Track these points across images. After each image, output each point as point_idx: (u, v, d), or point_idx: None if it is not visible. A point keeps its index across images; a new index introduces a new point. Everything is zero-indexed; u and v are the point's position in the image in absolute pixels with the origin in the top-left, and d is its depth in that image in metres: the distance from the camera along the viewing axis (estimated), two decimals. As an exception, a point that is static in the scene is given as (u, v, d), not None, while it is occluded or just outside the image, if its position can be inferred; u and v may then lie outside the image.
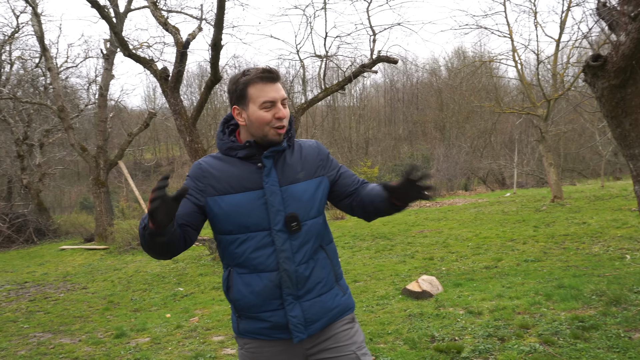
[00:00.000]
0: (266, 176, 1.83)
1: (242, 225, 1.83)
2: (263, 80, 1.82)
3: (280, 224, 1.82)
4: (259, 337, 1.89)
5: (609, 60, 4.27)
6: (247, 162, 1.87)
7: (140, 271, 10.37)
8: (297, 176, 1.88)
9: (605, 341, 3.77)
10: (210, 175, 1.88)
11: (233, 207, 1.83)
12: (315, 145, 2.00)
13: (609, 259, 6.91)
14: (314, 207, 1.89)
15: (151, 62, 10.90)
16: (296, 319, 1.83)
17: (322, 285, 1.88)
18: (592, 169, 28.91)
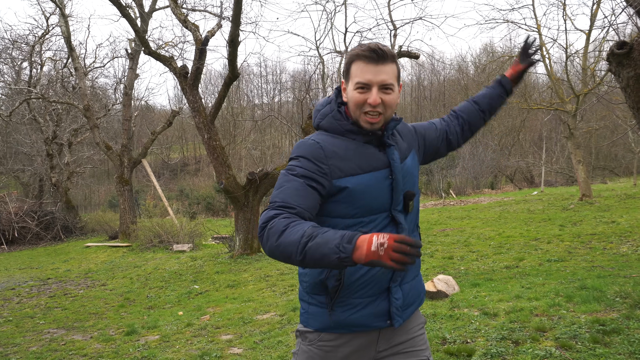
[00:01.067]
0: (392, 154, 1.74)
1: (368, 208, 1.68)
2: (365, 60, 1.64)
3: (401, 204, 1.74)
4: (354, 329, 1.70)
5: (635, 48, 4.01)
6: (367, 144, 1.73)
7: (159, 268, 10.39)
8: (405, 152, 1.81)
9: (627, 346, 3.52)
10: (335, 154, 1.66)
11: (364, 187, 1.66)
12: (406, 124, 1.95)
13: (637, 259, 6.58)
14: (417, 182, 1.86)
15: (171, 59, 10.91)
16: (399, 301, 1.73)
17: (417, 267, 1.85)
18: (625, 166, 28.01)
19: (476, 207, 17.08)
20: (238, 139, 37.83)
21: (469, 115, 2.07)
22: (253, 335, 5.15)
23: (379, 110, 1.65)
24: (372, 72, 1.63)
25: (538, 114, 27.75)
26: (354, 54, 1.67)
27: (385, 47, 1.65)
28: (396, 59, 1.69)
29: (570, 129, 15.30)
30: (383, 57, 1.63)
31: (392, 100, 1.67)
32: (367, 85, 1.63)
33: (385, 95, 1.65)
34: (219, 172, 10.31)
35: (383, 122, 1.70)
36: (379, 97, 1.63)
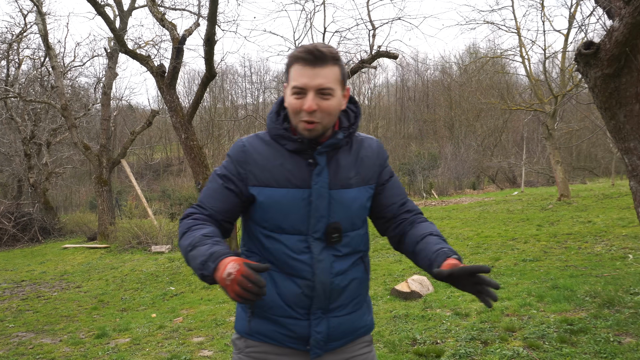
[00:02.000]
0: (317, 175, 1.56)
1: (276, 225, 1.58)
2: (302, 62, 1.50)
3: (320, 232, 1.57)
4: (270, 341, 1.63)
5: (602, 48, 4.03)
6: (296, 155, 1.59)
7: (136, 270, 10.26)
8: (349, 180, 1.60)
9: (593, 346, 3.53)
10: (253, 161, 1.60)
11: (272, 202, 1.57)
12: (376, 146, 1.70)
13: (610, 258, 6.63)
14: (359, 218, 1.63)
15: (148, 58, 10.77)
16: (320, 335, 1.60)
17: (356, 302, 1.66)
18: (604, 167, 28.39)
19: (457, 208, 17.16)
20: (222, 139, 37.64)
21: (409, 239, 1.67)
22: (225, 338, 5.08)
23: (314, 118, 1.51)
24: (308, 76, 1.49)
25: (520, 114, 28.01)
26: (292, 56, 1.55)
27: (325, 47, 1.52)
28: (339, 61, 1.55)
29: (549, 130, 15.44)
30: (321, 59, 1.49)
31: (331, 107, 1.53)
32: (302, 89, 1.50)
33: (323, 100, 1.51)
34: (197, 172, 10.20)
35: (321, 130, 1.55)
36: (314, 103, 1.49)
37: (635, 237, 7.84)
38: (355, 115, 1.67)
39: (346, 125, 1.63)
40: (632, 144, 4.18)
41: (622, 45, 3.86)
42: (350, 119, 1.65)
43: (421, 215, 1.73)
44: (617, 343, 3.53)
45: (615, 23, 3.93)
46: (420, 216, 1.72)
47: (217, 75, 10.25)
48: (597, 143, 26.40)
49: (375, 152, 1.69)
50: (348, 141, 1.63)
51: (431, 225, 1.67)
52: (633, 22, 3.72)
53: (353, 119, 1.65)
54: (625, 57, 3.94)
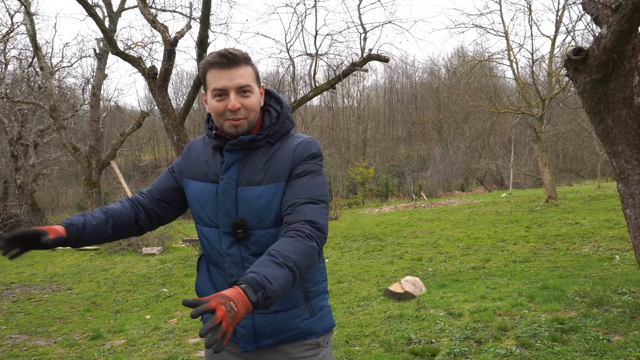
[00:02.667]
0: (224, 172, 1.65)
1: (197, 216, 1.73)
2: (217, 66, 1.60)
3: (227, 227, 1.64)
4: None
5: (590, 54, 4.13)
6: (218, 152, 1.71)
7: (127, 272, 10.24)
8: (256, 178, 1.64)
9: (583, 344, 3.63)
10: (189, 156, 1.79)
11: (194, 195, 1.73)
12: (297, 144, 1.67)
13: (598, 259, 6.78)
14: (269, 216, 1.62)
15: (139, 60, 10.78)
16: (244, 329, 1.67)
17: (282, 302, 1.66)
18: (590, 169, 28.77)
19: (446, 209, 17.32)
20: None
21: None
22: (220, 338, 5.12)
23: (239, 115, 1.61)
24: (226, 78, 1.59)
25: (507, 117, 28.30)
26: (205, 62, 1.64)
27: (236, 50, 1.61)
28: (250, 61, 1.64)
29: (537, 133, 15.65)
30: (235, 61, 1.59)
31: (253, 103, 1.63)
32: (223, 91, 1.60)
33: (244, 98, 1.61)
34: (189, 174, 10.22)
35: (247, 126, 1.64)
36: (237, 102, 1.59)
37: (622, 238, 8.01)
38: (278, 115, 1.71)
39: (266, 125, 1.69)
40: (619, 147, 4.30)
41: (610, 51, 3.97)
42: (272, 119, 1.70)
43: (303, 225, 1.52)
44: (606, 341, 3.64)
45: (603, 30, 4.04)
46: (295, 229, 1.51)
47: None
48: (583, 146, 26.75)
49: (291, 149, 1.66)
50: (269, 141, 1.68)
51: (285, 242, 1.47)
52: (620, 29, 3.82)
53: (275, 120, 1.70)
54: (613, 63, 4.05)
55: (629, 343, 3.53)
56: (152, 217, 1.82)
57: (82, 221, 1.68)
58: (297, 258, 1.42)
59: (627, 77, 4.07)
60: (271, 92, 1.77)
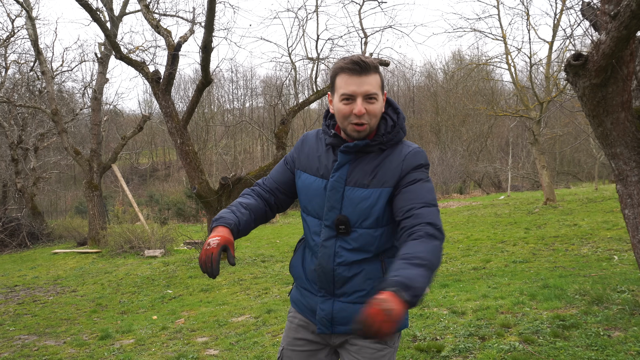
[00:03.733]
0: (335, 170, 1.78)
1: (305, 206, 1.88)
2: (348, 72, 1.70)
3: (330, 221, 1.79)
4: (297, 308, 1.95)
5: (589, 59, 4.26)
6: (331, 150, 1.84)
7: (131, 274, 10.33)
8: (364, 181, 1.76)
9: (584, 339, 3.75)
10: (303, 149, 1.93)
11: (303, 186, 1.88)
12: (407, 152, 1.78)
13: (596, 259, 6.91)
14: (370, 217, 1.75)
15: (143, 64, 10.90)
16: (323, 313, 1.82)
17: (361, 295, 1.77)
18: (587, 172, 28.95)
19: (446, 212, 17.44)
20: (209, 144, 37.64)
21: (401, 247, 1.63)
22: (229, 337, 5.23)
23: (363, 120, 1.71)
24: (355, 84, 1.69)
25: (505, 120, 28.48)
26: (337, 67, 1.74)
27: (367, 58, 1.72)
28: (379, 70, 1.75)
29: (535, 135, 15.81)
30: (366, 69, 1.69)
31: (376, 110, 1.73)
32: (351, 96, 1.70)
33: (370, 105, 1.71)
34: (192, 177, 10.33)
35: (369, 130, 1.75)
36: (363, 107, 1.70)
37: (620, 239, 8.14)
38: (394, 124, 1.82)
39: (381, 133, 1.79)
40: (618, 149, 4.43)
41: (608, 57, 4.09)
42: (387, 128, 1.81)
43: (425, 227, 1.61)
44: (607, 337, 3.76)
45: (602, 36, 4.17)
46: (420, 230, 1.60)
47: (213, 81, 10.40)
48: (580, 148, 26.95)
49: (401, 157, 1.77)
50: (381, 148, 1.79)
51: (415, 244, 1.56)
52: (619, 35, 3.94)
53: (390, 128, 1.80)
54: (611, 68, 4.17)
55: (629, 338, 3.65)
56: (273, 207, 1.99)
57: (235, 219, 1.81)
58: (428, 256, 1.51)
59: (625, 81, 4.19)
60: (390, 101, 1.87)
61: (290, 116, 11.04)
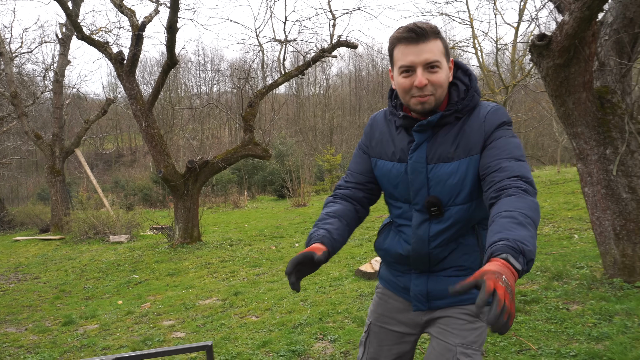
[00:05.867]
0: (412, 151, 1.64)
1: (391, 193, 1.75)
2: (404, 41, 1.55)
3: (420, 205, 1.66)
4: (388, 287, 1.86)
5: (553, 40, 4.31)
6: (404, 131, 1.69)
7: (96, 260, 10.14)
8: (447, 154, 1.61)
9: (544, 313, 3.85)
10: (373, 134, 1.79)
11: (384, 173, 1.74)
12: (485, 113, 1.61)
13: (558, 238, 7.08)
14: (462, 192, 1.61)
15: (106, 45, 10.59)
16: (418, 289, 1.72)
17: (457, 269, 1.68)
18: (550, 155, 29.66)
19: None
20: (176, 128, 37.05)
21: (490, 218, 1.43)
22: (195, 320, 5.19)
23: (427, 92, 1.56)
24: (414, 53, 1.54)
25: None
26: (393, 38, 1.60)
27: (424, 24, 1.55)
28: (440, 35, 1.58)
29: (500, 119, 16.05)
30: (423, 35, 1.54)
31: (441, 79, 1.57)
32: (411, 67, 1.55)
33: (432, 74, 1.55)
34: (158, 160, 10.14)
35: (435, 102, 1.59)
36: (424, 78, 1.54)
37: (580, 219, 8.37)
38: (467, 88, 1.65)
39: (454, 101, 1.64)
40: (579, 129, 4.52)
41: (571, 37, 4.15)
42: (461, 94, 1.64)
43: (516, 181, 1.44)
44: (565, 310, 3.87)
45: (565, 17, 4.23)
46: (512, 186, 1.43)
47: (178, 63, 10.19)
48: (543, 133, 27.53)
49: (480, 119, 1.61)
50: (457, 117, 1.63)
51: (514, 200, 1.38)
52: (581, 16, 4.00)
53: (463, 94, 1.64)
54: (574, 48, 4.24)
55: (586, 311, 3.77)
56: (365, 203, 1.84)
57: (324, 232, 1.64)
58: (532, 214, 1.34)
59: (587, 61, 4.27)
60: (460, 64, 1.70)
61: (258, 99, 10.91)
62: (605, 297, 3.98)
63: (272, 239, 10.71)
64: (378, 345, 1.84)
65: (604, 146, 4.41)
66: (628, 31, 4.54)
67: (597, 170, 4.44)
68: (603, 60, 4.65)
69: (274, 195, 26.04)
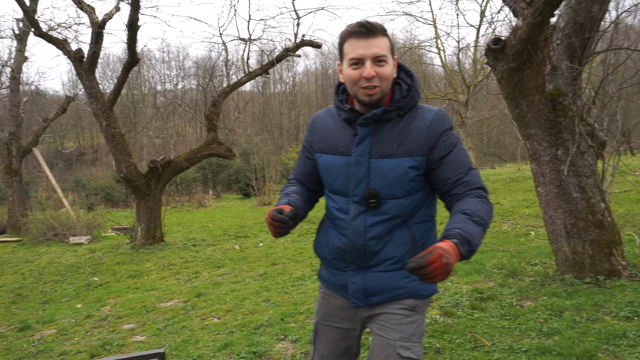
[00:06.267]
0: (357, 144, 1.74)
1: (330, 186, 1.85)
2: (355, 36, 1.67)
3: (358, 196, 1.75)
4: (328, 286, 1.95)
5: (508, 44, 4.43)
6: (348, 125, 1.79)
7: (54, 262, 9.89)
8: (390, 151, 1.72)
9: (499, 310, 3.97)
10: (316, 130, 1.90)
11: (325, 166, 1.84)
12: (430, 119, 1.74)
13: (515, 235, 7.29)
14: (400, 187, 1.72)
15: (64, 42, 10.34)
16: (355, 286, 1.80)
17: (391, 263, 1.76)
18: (511, 153, 30.37)
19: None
20: (139, 127, 36.39)
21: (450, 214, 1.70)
22: (156, 323, 5.13)
23: (374, 83, 1.67)
24: (363, 47, 1.66)
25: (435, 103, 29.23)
26: (344, 33, 1.71)
27: (374, 22, 1.69)
28: (387, 33, 1.70)
29: (462, 118, 16.37)
30: (373, 31, 1.66)
31: (387, 72, 1.69)
32: (360, 60, 1.66)
33: (379, 67, 1.67)
34: (119, 160, 9.96)
35: (380, 94, 1.70)
36: (372, 70, 1.66)
37: (537, 216, 8.62)
38: (409, 87, 1.78)
39: (397, 98, 1.76)
40: (532, 130, 4.67)
41: (524, 42, 4.28)
42: (403, 92, 1.77)
43: (477, 190, 1.70)
44: (519, 306, 4.00)
45: (519, 22, 4.35)
46: (473, 192, 1.69)
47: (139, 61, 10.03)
48: (505, 131, 28.17)
49: (426, 124, 1.73)
50: (399, 113, 1.74)
51: (474, 202, 1.65)
52: (534, 22, 4.13)
53: (405, 92, 1.76)
54: (527, 52, 4.37)
55: (539, 307, 3.90)
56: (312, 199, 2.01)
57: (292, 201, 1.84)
58: (486, 217, 1.61)
59: (540, 65, 4.40)
60: (402, 66, 1.82)
61: (222, 98, 10.83)
62: (556, 293, 4.13)
63: (236, 238, 10.67)
64: (326, 342, 1.97)
65: (555, 147, 4.57)
66: (579, 36, 4.71)
67: (550, 171, 4.59)
68: (555, 64, 4.80)
69: (239, 194, 25.90)
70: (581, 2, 4.72)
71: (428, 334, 3.68)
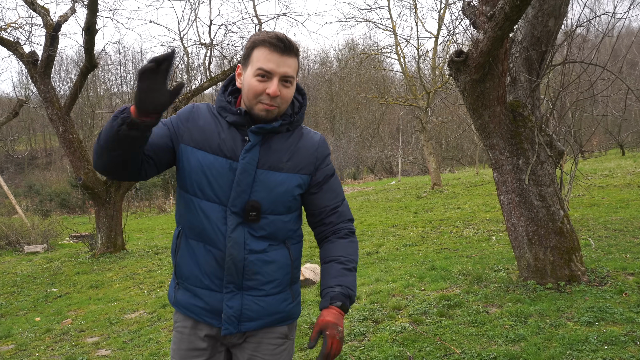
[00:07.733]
0: (246, 151, 1.62)
1: (202, 190, 1.65)
2: (270, 47, 1.58)
3: (238, 207, 1.63)
4: (189, 314, 1.72)
5: (470, 57, 4.56)
6: (235, 129, 1.66)
7: (8, 273, 9.53)
8: (280, 164, 1.67)
9: (466, 317, 4.07)
10: (195, 122, 1.68)
11: (201, 166, 1.64)
12: (317, 140, 1.76)
13: (477, 240, 7.48)
14: (283, 203, 1.68)
15: (16, 44, 9.99)
16: (232, 310, 1.66)
17: (273, 286, 1.70)
18: (469, 157, 31.10)
19: (340, 197, 17.93)
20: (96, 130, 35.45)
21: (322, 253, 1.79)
22: (122, 335, 5.02)
23: (275, 102, 1.62)
24: (275, 62, 1.58)
25: (395, 108, 29.70)
26: (259, 39, 1.61)
27: (292, 40, 1.62)
28: (299, 53, 1.66)
29: (422, 123, 16.67)
30: (289, 49, 1.60)
31: (289, 94, 1.65)
32: (269, 73, 1.59)
33: (284, 88, 1.62)
34: (77, 167, 9.69)
35: (277, 114, 1.66)
36: (278, 89, 1.60)
37: (497, 220, 8.87)
38: (300, 105, 1.76)
39: (289, 113, 1.72)
40: (494, 140, 4.81)
41: (486, 55, 4.40)
42: (295, 109, 1.75)
43: (347, 223, 1.79)
44: (485, 313, 4.11)
45: (480, 36, 4.48)
46: (344, 228, 1.77)
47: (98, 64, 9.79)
48: (463, 135, 28.82)
49: (314, 145, 1.75)
50: (289, 128, 1.71)
51: (346, 245, 1.74)
52: (495, 35, 4.26)
53: (297, 109, 1.75)
54: (488, 65, 4.50)
55: (504, 313, 4.02)
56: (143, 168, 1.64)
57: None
58: (356, 258, 1.75)
59: (501, 77, 4.55)
60: (296, 85, 1.77)
61: (183, 103, 10.68)
62: (520, 299, 4.26)
63: (199, 245, 10.52)
64: None
65: (517, 157, 4.72)
66: (536, 49, 4.89)
67: (512, 180, 4.74)
68: (515, 75, 4.97)
69: (201, 199, 25.55)
70: (538, 16, 4.90)
71: (398, 342, 3.75)
